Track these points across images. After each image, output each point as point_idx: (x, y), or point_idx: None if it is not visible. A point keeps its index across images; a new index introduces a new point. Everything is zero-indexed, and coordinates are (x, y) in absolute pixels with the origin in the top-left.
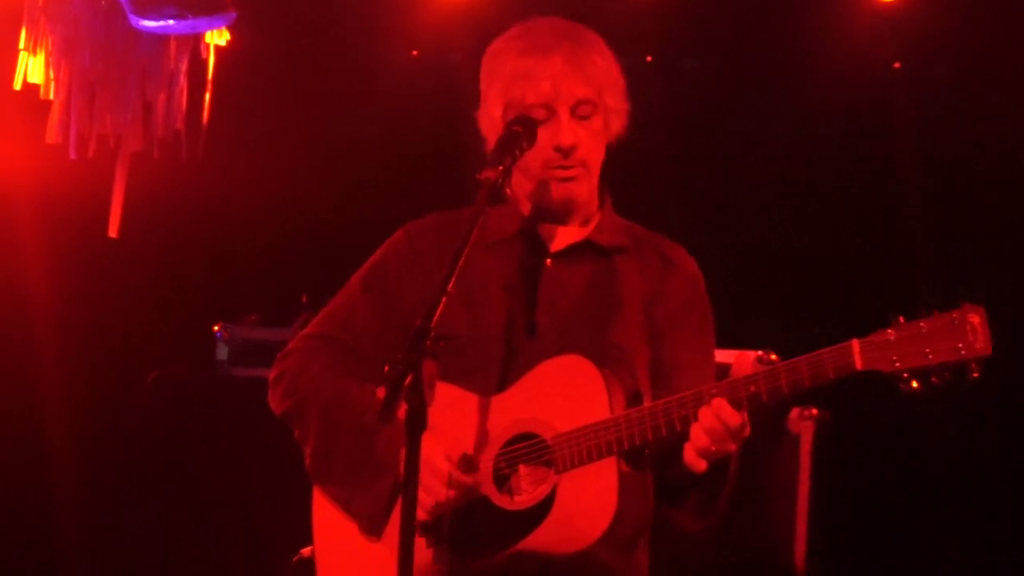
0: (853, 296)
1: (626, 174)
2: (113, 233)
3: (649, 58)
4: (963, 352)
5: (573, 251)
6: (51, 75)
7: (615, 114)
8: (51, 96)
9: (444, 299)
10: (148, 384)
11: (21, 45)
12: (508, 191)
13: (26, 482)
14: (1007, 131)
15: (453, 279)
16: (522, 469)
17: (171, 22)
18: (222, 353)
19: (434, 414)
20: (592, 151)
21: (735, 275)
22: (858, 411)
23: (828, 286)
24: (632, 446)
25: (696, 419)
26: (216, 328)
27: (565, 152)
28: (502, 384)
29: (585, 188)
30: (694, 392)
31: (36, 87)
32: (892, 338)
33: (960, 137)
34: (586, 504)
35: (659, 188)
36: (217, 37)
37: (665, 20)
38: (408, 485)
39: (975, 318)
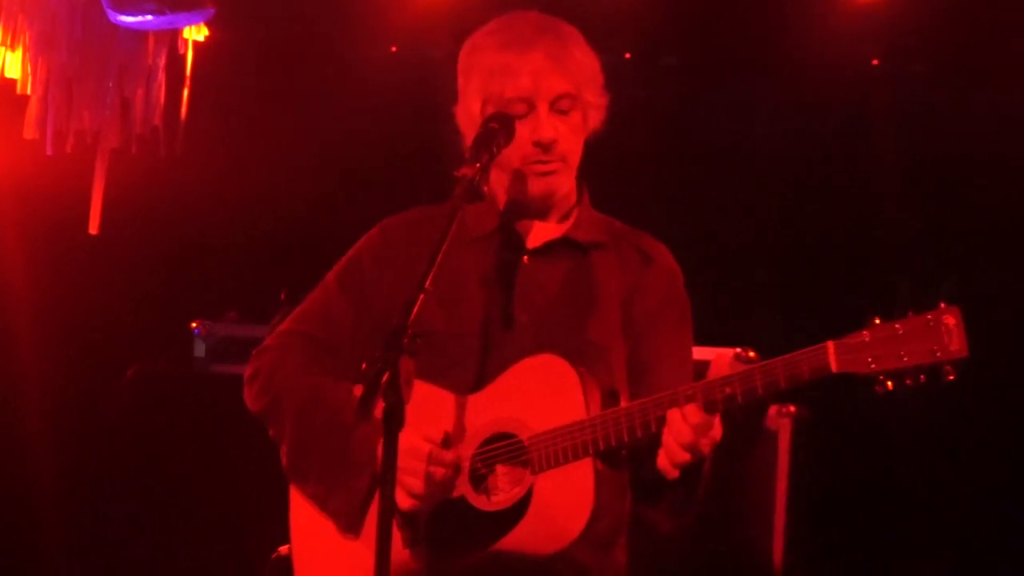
0: (832, 293)
1: (606, 171)
2: (94, 230)
3: (628, 55)
4: (938, 354)
5: (551, 248)
6: (28, 70)
7: (594, 109)
8: (28, 91)
9: (422, 297)
10: (125, 381)
11: None
12: (486, 188)
13: (3, 478)
14: (985, 128)
15: (431, 277)
16: (499, 469)
17: (149, 17)
18: (200, 350)
19: (411, 412)
20: (571, 146)
21: (714, 272)
22: (836, 408)
23: (807, 283)
24: (608, 447)
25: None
26: (194, 325)
27: (544, 147)
28: (479, 381)
29: (564, 183)
30: (670, 393)
31: (13, 82)
32: (867, 340)
33: (938, 134)
34: (563, 504)
35: (638, 185)
36: (195, 33)
37: (644, 17)
38: (385, 483)
39: (950, 320)
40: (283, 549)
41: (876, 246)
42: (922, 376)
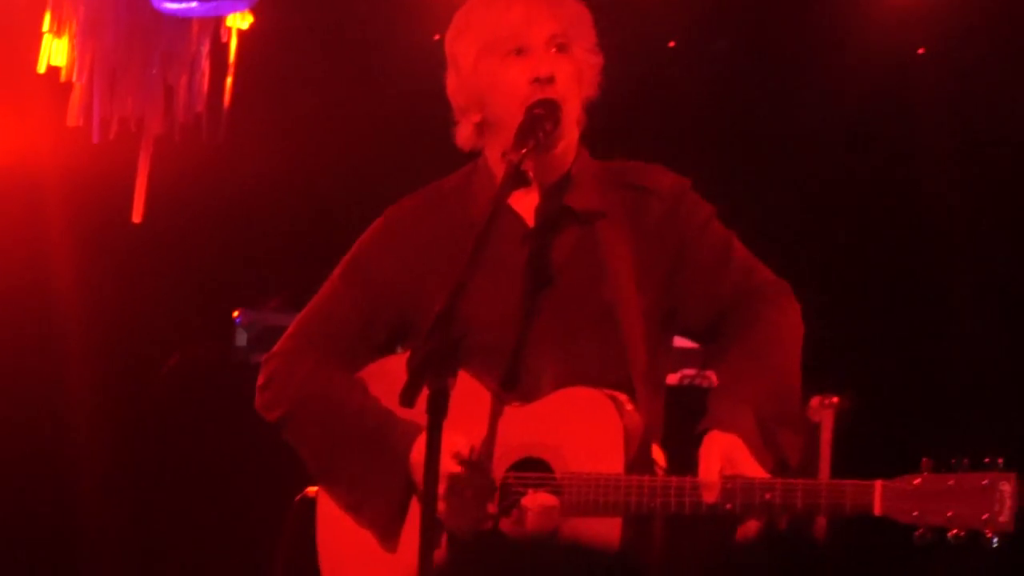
0: (878, 281)
1: (647, 156)
2: (137, 218)
3: (672, 43)
4: (986, 524)
5: (553, 222)
6: (74, 58)
7: (587, 66)
8: (73, 79)
9: (465, 282)
10: (167, 370)
11: (45, 27)
12: (529, 171)
13: (48, 467)
14: None
15: (463, 269)
16: (530, 494)
17: (193, 5)
18: (241, 339)
19: (451, 406)
20: (570, 91)
21: (764, 257)
22: (879, 398)
23: (850, 270)
24: (639, 513)
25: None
26: (236, 314)
27: (543, 82)
28: (503, 373)
29: (566, 132)
30: (713, 483)
31: (58, 70)
32: (917, 488)
33: (983, 124)
34: (588, 546)
35: (687, 171)
36: (239, 20)
37: (691, 4)
38: (429, 469)
39: (1007, 487)
40: (310, 490)
41: (921, 234)
42: (963, 534)
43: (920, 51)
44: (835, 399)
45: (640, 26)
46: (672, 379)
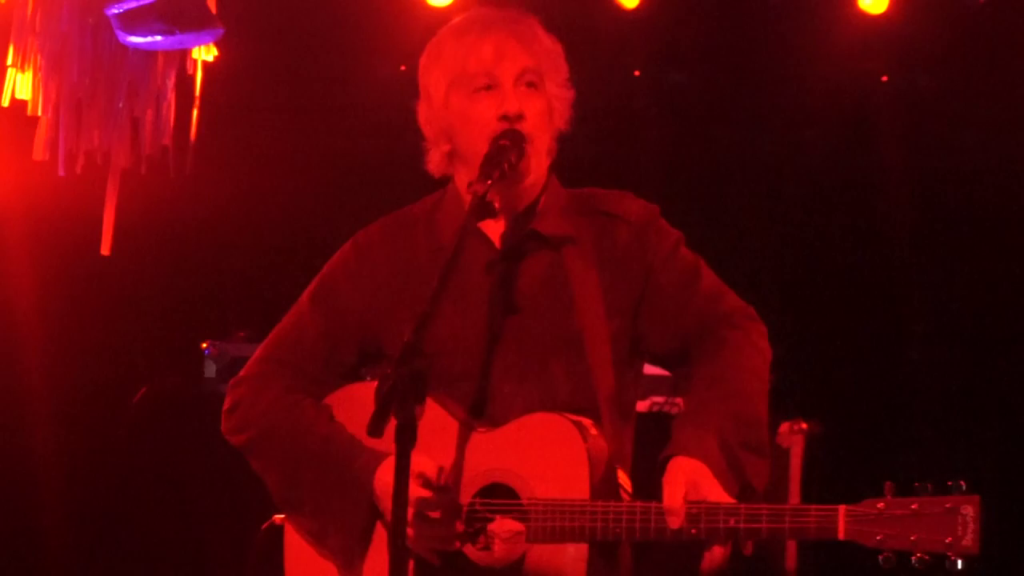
0: (840, 300)
1: (615, 186)
2: (106, 251)
3: (637, 72)
4: (950, 547)
5: (521, 246)
6: (39, 92)
7: (558, 101)
8: (39, 113)
9: (431, 312)
10: (136, 401)
11: (9, 62)
12: (495, 202)
13: (15, 497)
14: (992, 143)
15: (430, 297)
16: (497, 520)
17: (159, 38)
18: (210, 370)
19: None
20: (539, 125)
21: (732, 283)
22: (849, 423)
23: (815, 294)
24: (605, 539)
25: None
26: (204, 345)
27: (511, 119)
28: (471, 400)
29: (533, 166)
30: (676, 508)
31: (24, 104)
32: (880, 512)
33: (947, 149)
34: (554, 572)
35: (655, 198)
36: (204, 52)
37: (653, 34)
38: (398, 500)
39: (969, 510)
40: (276, 518)
41: (883, 257)
42: (927, 558)
43: (884, 79)
44: (805, 425)
45: (605, 56)
46: (642, 406)
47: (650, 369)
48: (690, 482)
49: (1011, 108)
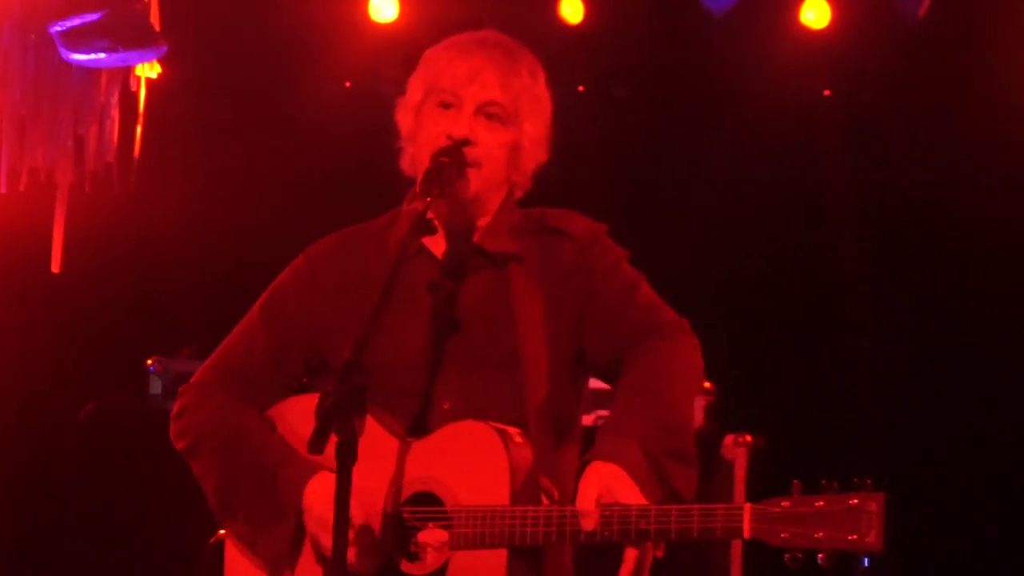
0: (784, 320)
1: (559, 204)
2: (56, 268)
3: (581, 88)
4: (854, 543)
5: (465, 264)
6: None
7: (533, 143)
8: None
9: (370, 331)
10: (82, 418)
11: None
12: (432, 219)
13: None
14: (935, 158)
15: (372, 313)
16: (427, 528)
17: (102, 55)
18: (156, 387)
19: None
20: (489, 154)
21: (675, 302)
22: (792, 436)
23: (758, 311)
24: (523, 544)
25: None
26: (150, 362)
27: (458, 143)
28: (411, 415)
29: (472, 187)
30: (591, 509)
31: None
32: (785, 510)
33: (888, 164)
34: None
35: (601, 216)
36: (148, 70)
37: (597, 50)
38: (339, 518)
39: (873, 507)
40: (221, 533)
41: (827, 274)
42: (832, 555)
43: (826, 93)
44: (749, 438)
45: (549, 71)
46: (587, 420)
47: (595, 383)
48: (604, 486)
49: (952, 122)
